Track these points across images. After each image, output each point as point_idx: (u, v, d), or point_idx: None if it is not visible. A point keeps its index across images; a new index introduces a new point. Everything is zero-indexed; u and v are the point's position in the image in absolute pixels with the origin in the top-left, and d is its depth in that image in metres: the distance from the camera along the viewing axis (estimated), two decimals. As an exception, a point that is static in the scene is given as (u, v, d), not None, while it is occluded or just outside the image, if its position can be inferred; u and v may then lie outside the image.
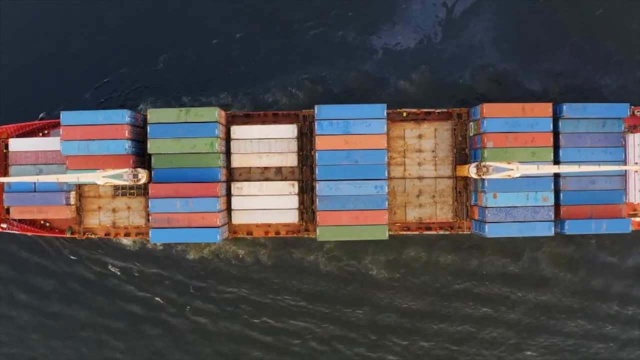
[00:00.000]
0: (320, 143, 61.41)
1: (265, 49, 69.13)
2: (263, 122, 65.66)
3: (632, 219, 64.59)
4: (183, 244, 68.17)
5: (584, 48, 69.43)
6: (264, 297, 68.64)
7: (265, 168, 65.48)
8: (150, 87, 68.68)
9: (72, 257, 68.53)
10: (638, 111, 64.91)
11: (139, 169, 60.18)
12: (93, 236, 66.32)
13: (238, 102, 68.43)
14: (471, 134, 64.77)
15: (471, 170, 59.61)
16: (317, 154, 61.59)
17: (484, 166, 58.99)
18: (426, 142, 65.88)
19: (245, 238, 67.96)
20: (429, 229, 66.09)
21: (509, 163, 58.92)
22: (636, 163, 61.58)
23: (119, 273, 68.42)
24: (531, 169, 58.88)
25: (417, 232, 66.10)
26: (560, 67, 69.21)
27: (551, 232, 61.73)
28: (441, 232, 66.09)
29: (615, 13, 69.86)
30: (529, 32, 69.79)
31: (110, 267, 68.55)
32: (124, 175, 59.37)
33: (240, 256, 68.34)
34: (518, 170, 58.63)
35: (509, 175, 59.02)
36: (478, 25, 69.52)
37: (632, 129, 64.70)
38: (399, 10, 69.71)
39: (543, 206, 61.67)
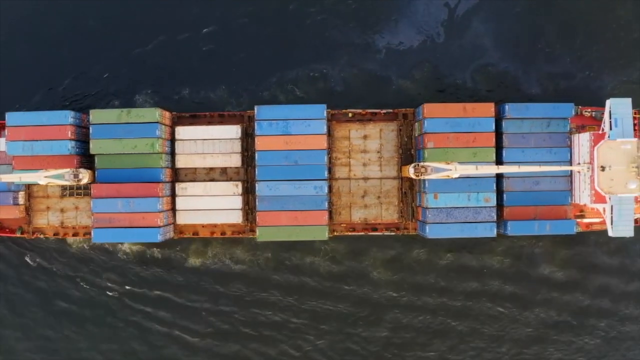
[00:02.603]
0: (259, 143, 61.47)
1: (266, 45, 68.92)
2: (209, 123, 65.85)
3: (579, 220, 63.91)
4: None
5: (584, 49, 68.76)
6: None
7: (211, 169, 65.63)
8: (145, 80, 68.80)
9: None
10: (586, 111, 64.09)
11: (81, 169, 60.68)
12: (42, 236, 66.97)
13: (237, 98, 68.36)
14: (416, 135, 64.42)
15: (410, 171, 59.21)
16: (256, 155, 61.62)
17: (422, 167, 58.53)
18: (371, 142, 65.62)
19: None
20: (375, 229, 65.77)
21: (448, 163, 58.46)
22: (578, 163, 60.66)
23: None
24: (470, 170, 58.29)
25: (362, 233, 65.84)
26: (560, 69, 68.55)
27: (493, 233, 61.12)
28: (387, 232, 65.77)
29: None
30: (529, 33, 69.22)
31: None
32: (65, 176, 59.94)
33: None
34: (457, 170, 58.12)
35: (448, 176, 58.52)
36: (480, 26, 68.99)
37: (580, 129, 63.87)
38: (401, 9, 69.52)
39: (485, 207, 61.12)
